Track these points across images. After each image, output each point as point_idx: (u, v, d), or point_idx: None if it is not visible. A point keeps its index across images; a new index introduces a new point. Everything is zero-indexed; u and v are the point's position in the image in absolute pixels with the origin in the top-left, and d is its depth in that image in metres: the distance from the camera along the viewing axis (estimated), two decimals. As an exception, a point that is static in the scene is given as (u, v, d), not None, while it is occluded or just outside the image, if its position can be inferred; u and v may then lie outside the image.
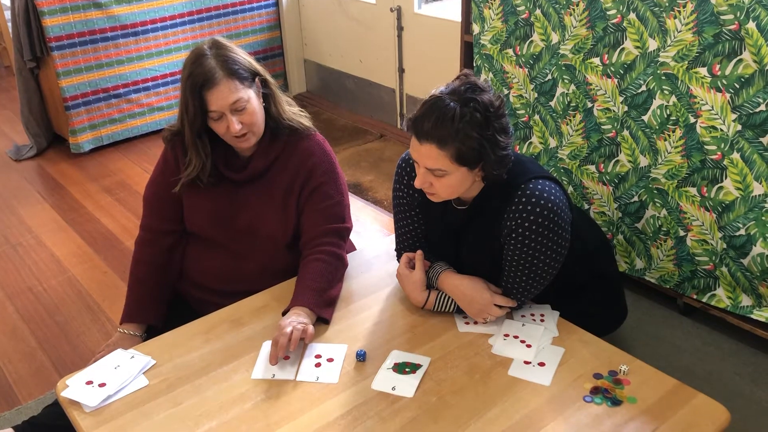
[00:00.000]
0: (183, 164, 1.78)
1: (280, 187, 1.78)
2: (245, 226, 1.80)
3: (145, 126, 4.23)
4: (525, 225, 1.50)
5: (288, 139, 1.78)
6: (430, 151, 1.43)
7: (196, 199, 1.80)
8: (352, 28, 4.30)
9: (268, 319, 1.63)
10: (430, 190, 1.52)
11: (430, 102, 1.45)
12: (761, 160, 1.98)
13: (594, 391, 1.39)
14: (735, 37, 1.91)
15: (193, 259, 1.86)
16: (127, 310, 1.82)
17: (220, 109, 1.62)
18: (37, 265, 2.96)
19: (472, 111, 1.41)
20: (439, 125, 1.41)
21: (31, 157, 4.07)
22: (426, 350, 1.52)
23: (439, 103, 1.43)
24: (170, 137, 1.81)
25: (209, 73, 1.61)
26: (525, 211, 1.50)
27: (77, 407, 1.39)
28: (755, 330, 2.18)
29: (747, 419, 1.95)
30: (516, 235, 1.52)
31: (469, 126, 1.41)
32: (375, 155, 3.94)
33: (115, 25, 3.90)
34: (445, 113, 1.41)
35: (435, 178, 1.48)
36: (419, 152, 1.46)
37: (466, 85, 1.45)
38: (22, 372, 2.32)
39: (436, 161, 1.44)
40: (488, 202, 1.58)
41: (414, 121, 1.46)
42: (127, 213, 3.38)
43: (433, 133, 1.42)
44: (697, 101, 2.06)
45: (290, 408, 1.37)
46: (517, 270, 1.57)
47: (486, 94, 1.45)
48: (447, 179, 1.47)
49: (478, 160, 1.45)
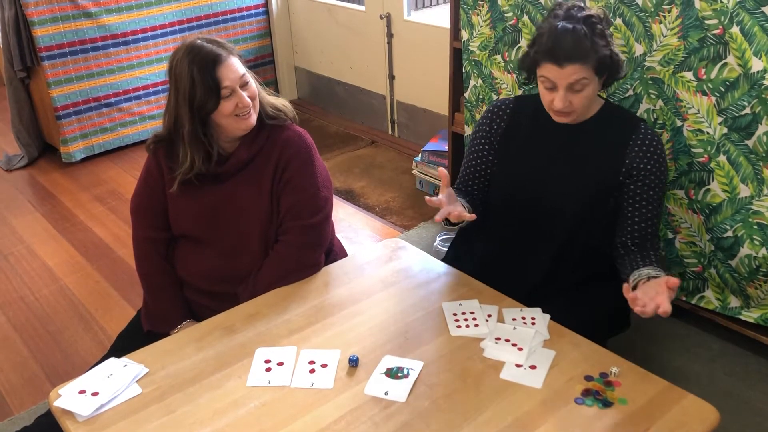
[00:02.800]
0: (167, 169, 1.78)
1: (266, 178, 1.79)
2: (232, 221, 1.80)
3: (137, 135, 4.23)
4: (653, 158, 1.69)
5: (271, 129, 1.81)
6: (574, 69, 1.60)
7: (181, 201, 1.81)
8: (342, 35, 4.32)
9: (260, 326, 1.64)
10: (569, 108, 1.66)
11: (556, 31, 1.61)
12: (747, 162, 2.01)
13: (585, 393, 1.40)
14: (719, 41, 1.93)
15: (182, 262, 1.87)
16: (159, 314, 1.83)
17: (232, 84, 1.67)
18: (29, 274, 2.96)
19: (594, 25, 1.62)
20: (577, 46, 1.59)
21: (23, 167, 4.06)
22: (418, 355, 1.53)
23: (566, 28, 1.60)
24: (153, 146, 1.82)
25: (214, 53, 1.67)
26: (653, 143, 1.70)
27: (70, 417, 1.39)
28: (744, 331, 2.20)
29: (736, 419, 1.97)
30: (644, 167, 1.69)
31: (598, 37, 1.62)
32: (366, 161, 3.96)
33: (105, 35, 3.91)
34: (577, 34, 1.59)
35: (574, 94, 1.64)
36: (562, 74, 1.61)
37: (573, 8, 1.65)
38: (15, 382, 2.31)
39: (580, 74, 1.61)
40: (606, 126, 1.74)
41: (548, 51, 1.61)
42: (119, 222, 3.38)
43: (575, 53, 1.59)
44: (683, 105, 2.08)
45: (283, 414, 1.38)
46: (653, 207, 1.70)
47: (591, 9, 1.67)
48: (586, 90, 1.64)
49: (610, 65, 1.65)
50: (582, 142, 1.75)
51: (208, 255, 1.83)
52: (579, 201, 1.74)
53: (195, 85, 1.65)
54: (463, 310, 1.66)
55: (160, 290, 1.85)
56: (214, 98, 1.67)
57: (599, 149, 1.74)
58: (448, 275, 1.82)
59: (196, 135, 1.71)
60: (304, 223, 1.80)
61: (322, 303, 1.72)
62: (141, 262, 1.89)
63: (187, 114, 1.68)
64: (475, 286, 1.75)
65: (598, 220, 1.78)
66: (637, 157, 1.70)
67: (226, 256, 1.82)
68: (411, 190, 3.57)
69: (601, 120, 1.75)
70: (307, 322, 1.65)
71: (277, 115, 1.83)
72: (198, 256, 1.84)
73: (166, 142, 1.79)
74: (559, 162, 1.77)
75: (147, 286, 1.88)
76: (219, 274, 1.82)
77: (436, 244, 2.92)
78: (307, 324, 1.64)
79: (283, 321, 1.66)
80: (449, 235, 2.97)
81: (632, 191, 1.72)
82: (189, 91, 1.66)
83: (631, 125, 1.73)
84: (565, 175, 1.76)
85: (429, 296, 1.73)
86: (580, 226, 1.78)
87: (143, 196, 1.87)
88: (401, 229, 3.21)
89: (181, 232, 1.85)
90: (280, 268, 1.79)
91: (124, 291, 2.80)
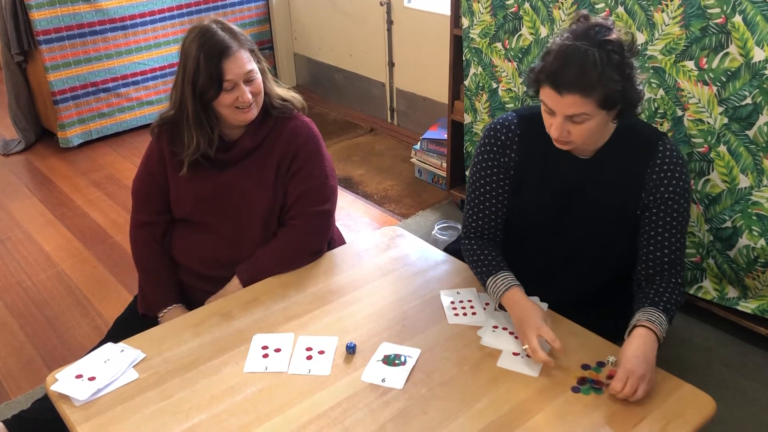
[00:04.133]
0: (170, 153, 1.78)
1: (270, 167, 1.80)
2: (233, 208, 1.81)
3: (135, 120, 4.22)
4: (672, 182, 1.51)
5: (277, 119, 1.81)
6: (575, 100, 1.40)
7: (184, 184, 1.81)
8: (341, 21, 4.29)
9: (257, 313, 1.64)
10: (566, 138, 1.48)
11: (566, 51, 1.40)
12: (747, 152, 2.00)
13: (581, 381, 1.40)
14: (721, 30, 1.92)
15: (180, 246, 1.87)
16: (152, 298, 1.83)
17: (235, 78, 1.66)
18: (26, 259, 2.95)
19: (610, 53, 1.39)
20: (581, 75, 1.38)
21: (20, 152, 4.05)
22: (415, 342, 1.53)
23: (577, 51, 1.39)
24: (157, 129, 1.82)
25: (224, 43, 1.65)
26: (671, 166, 1.51)
27: (67, 401, 1.39)
28: (741, 321, 2.21)
29: (733, 409, 1.97)
30: (666, 192, 1.52)
31: (611, 69, 1.38)
32: (365, 149, 3.95)
33: (103, 19, 3.88)
34: (586, 60, 1.38)
35: (574, 125, 1.45)
36: (560, 103, 1.42)
37: (594, 28, 1.42)
38: (11, 366, 2.31)
39: (579, 108, 1.41)
40: (621, 153, 1.55)
41: (551, 74, 1.41)
42: (117, 207, 3.37)
43: (577, 83, 1.38)
44: (684, 94, 2.08)
45: (280, 400, 1.38)
46: (671, 234, 1.54)
47: (614, 32, 1.42)
48: (587, 124, 1.45)
49: (620, 100, 1.43)
50: (597, 173, 1.58)
51: (207, 240, 1.83)
52: (599, 237, 1.63)
53: (199, 71, 1.65)
54: (460, 299, 1.66)
55: (152, 273, 1.85)
56: (216, 88, 1.67)
57: (616, 180, 1.57)
58: (446, 263, 1.82)
59: (198, 117, 1.71)
60: (313, 210, 1.80)
61: (320, 290, 1.72)
62: (135, 245, 1.89)
63: (190, 96, 1.69)
64: (472, 274, 1.74)
65: (619, 255, 1.66)
66: (654, 186, 1.53)
67: (225, 242, 1.82)
68: (410, 179, 3.57)
69: (614, 147, 1.56)
70: (305, 309, 1.65)
71: (283, 105, 1.83)
72: (197, 240, 1.84)
73: (171, 125, 1.79)
74: (576, 196, 1.61)
75: (140, 268, 1.88)
76: (217, 259, 1.82)
77: (435, 232, 2.91)
78: (305, 311, 1.64)
79: (281, 308, 1.65)
80: (448, 224, 2.96)
81: (649, 219, 1.56)
82: (193, 75, 1.67)
83: (649, 149, 1.54)
84: (583, 211, 1.61)
85: (427, 284, 1.73)
86: (603, 260, 1.68)
87: (143, 180, 1.87)
88: (399, 217, 3.20)
89: (182, 215, 1.85)
90: (286, 251, 1.79)
91: (121, 276, 2.80)
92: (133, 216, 1.90)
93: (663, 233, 1.55)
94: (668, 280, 1.56)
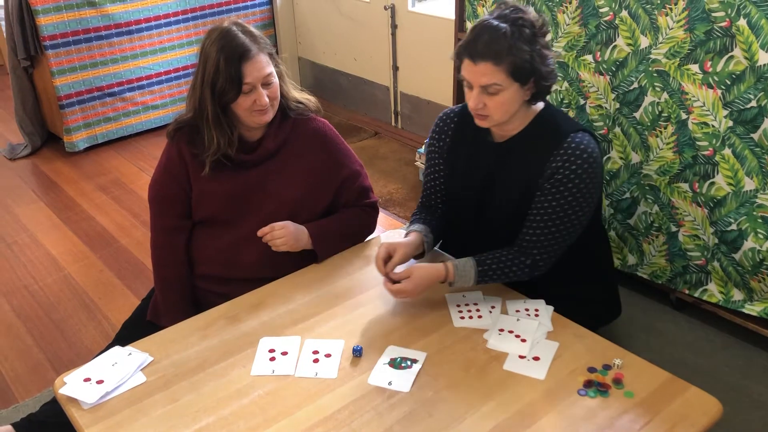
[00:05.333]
0: (191, 155, 1.79)
1: (298, 167, 1.83)
2: (257, 209, 1.82)
3: (140, 124, 4.23)
4: (566, 173, 1.59)
5: (296, 120, 1.85)
6: (486, 68, 1.52)
7: (209, 184, 1.81)
8: (346, 25, 4.30)
9: (264, 315, 1.64)
10: (483, 111, 1.59)
11: (480, 26, 1.54)
12: (752, 155, 2.00)
13: (587, 384, 1.40)
14: (726, 34, 1.93)
15: (202, 250, 1.86)
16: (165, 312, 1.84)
17: (254, 81, 1.68)
18: (33, 263, 2.96)
19: (521, 27, 1.53)
20: (492, 43, 1.51)
21: (26, 156, 4.07)
22: (422, 345, 1.53)
23: (490, 24, 1.53)
24: (173, 133, 1.82)
25: (244, 46, 1.67)
26: (572, 155, 1.59)
27: (75, 404, 1.40)
28: (747, 324, 2.21)
29: (738, 412, 1.97)
30: (555, 178, 1.60)
31: (520, 41, 1.52)
32: (370, 153, 3.95)
33: (109, 24, 3.90)
34: (497, 31, 1.52)
35: (489, 97, 1.56)
36: (474, 71, 1.55)
37: (509, 8, 1.57)
38: (19, 370, 2.32)
39: (492, 77, 1.53)
40: (532, 140, 1.65)
41: (466, 45, 1.55)
42: (123, 211, 3.39)
43: (488, 51, 1.51)
44: (688, 98, 2.08)
45: (287, 403, 1.38)
46: (544, 216, 1.62)
47: (529, 13, 1.57)
48: (501, 96, 1.56)
49: (530, 74, 1.55)
50: (512, 159, 1.68)
51: (229, 240, 1.83)
52: (515, 218, 1.69)
53: (219, 73, 1.67)
54: (466, 302, 1.67)
55: (170, 284, 1.85)
56: (235, 90, 1.68)
57: (524, 165, 1.66)
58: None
59: (218, 118, 1.73)
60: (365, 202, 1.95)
61: (326, 293, 1.72)
62: (158, 252, 1.88)
63: (209, 98, 1.70)
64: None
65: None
66: (549, 174, 1.60)
67: (248, 241, 1.82)
68: (414, 182, 3.57)
69: (529, 134, 1.67)
70: (311, 312, 1.65)
71: (299, 107, 1.86)
72: (219, 241, 1.84)
73: (189, 127, 1.79)
74: (495, 179, 1.71)
75: (158, 278, 1.87)
76: (238, 260, 1.82)
77: (439, 235, 2.92)
78: (311, 314, 1.65)
79: (287, 311, 1.66)
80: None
81: (535, 200, 1.63)
82: (213, 77, 1.68)
83: (557, 140, 1.61)
84: (500, 192, 1.71)
85: (432, 287, 1.73)
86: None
87: (164, 184, 1.86)
88: (404, 221, 3.21)
89: (204, 216, 1.85)
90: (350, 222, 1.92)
91: (128, 280, 2.81)
92: (156, 222, 1.88)
93: (536, 216, 1.64)
94: (516, 253, 1.65)
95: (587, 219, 1.67)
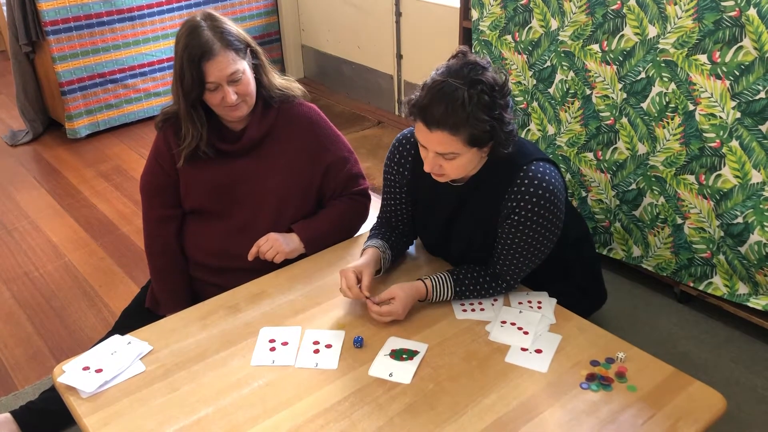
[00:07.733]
0: (176, 145, 1.78)
1: (283, 155, 1.81)
2: (246, 197, 1.81)
3: (142, 111, 4.21)
4: (523, 205, 1.52)
5: (280, 107, 1.83)
6: (443, 137, 1.43)
7: (195, 174, 1.81)
8: (349, 13, 4.27)
9: (264, 306, 1.63)
10: (439, 171, 1.52)
11: (436, 87, 1.42)
12: (760, 147, 1.98)
13: (590, 377, 1.39)
14: (735, 23, 1.90)
15: (192, 240, 1.86)
16: (163, 301, 1.84)
17: (217, 81, 1.66)
18: (33, 250, 2.96)
19: (480, 93, 1.41)
20: (450, 112, 1.40)
21: (27, 142, 4.05)
22: (423, 337, 1.52)
23: (446, 88, 1.41)
24: (161, 124, 1.82)
25: (207, 45, 1.64)
26: (527, 193, 1.52)
27: (74, 393, 1.39)
28: (751, 318, 2.19)
29: (743, 406, 1.96)
30: (514, 215, 1.54)
31: (479, 109, 1.40)
32: (373, 142, 3.93)
33: (111, 10, 3.87)
34: (455, 99, 1.39)
35: (445, 161, 1.48)
36: (430, 139, 1.45)
37: (468, 66, 1.43)
38: (19, 357, 2.32)
39: (448, 146, 1.44)
40: (488, 180, 1.59)
41: (421, 109, 1.44)
42: (124, 198, 3.37)
43: (445, 120, 1.40)
44: (696, 88, 2.05)
45: (287, 394, 1.37)
46: (510, 250, 1.59)
47: (488, 72, 1.44)
48: (458, 160, 1.48)
49: (488, 140, 1.47)
50: (472, 200, 1.63)
51: (218, 230, 1.83)
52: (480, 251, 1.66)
53: (184, 72, 1.66)
54: (469, 293, 1.65)
55: (164, 273, 1.85)
56: (198, 89, 1.68)
57: (484, 204, 1.60)
58: (454, 257, 1.81)
59: (189, 113, 1.72)
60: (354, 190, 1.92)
61: (327, 283, 1.71)
62: (150, 241, 1.88)
63: (180, 93, 1.70)
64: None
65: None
66: (507, 211, 1.55)
67: (237, 231, 1.81)
68: (417, 172, 3.55)
69: (485, 174, 1.58)
70: (312, 303, 1.64)
71: (282, 94, 1.83)
72: (208, 231, 1.84)
73: (174, 119, 1.79)
74: (459, 219, 1.67)
75: (152, 267, 1.87)
76: (228, 249, 1.82)
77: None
78: (312, 304, 1.64)
79: (288, 301, 1.65)
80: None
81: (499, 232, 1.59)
82: (180, 74, 1.67)
83: (510, 176, 1.54)
84: (462, 229, 1.67)
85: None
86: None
87: (153, 174, 1.86)
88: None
89: (194, 206, 1.85)
90: (341, 216, 1.89)
91: (129, 268, 2.80)
92: (147, 212, 1.89)
93: (503, 249, 1.60)
94: (493, 275, 1.63)
95: (556, 239, 1.62)
